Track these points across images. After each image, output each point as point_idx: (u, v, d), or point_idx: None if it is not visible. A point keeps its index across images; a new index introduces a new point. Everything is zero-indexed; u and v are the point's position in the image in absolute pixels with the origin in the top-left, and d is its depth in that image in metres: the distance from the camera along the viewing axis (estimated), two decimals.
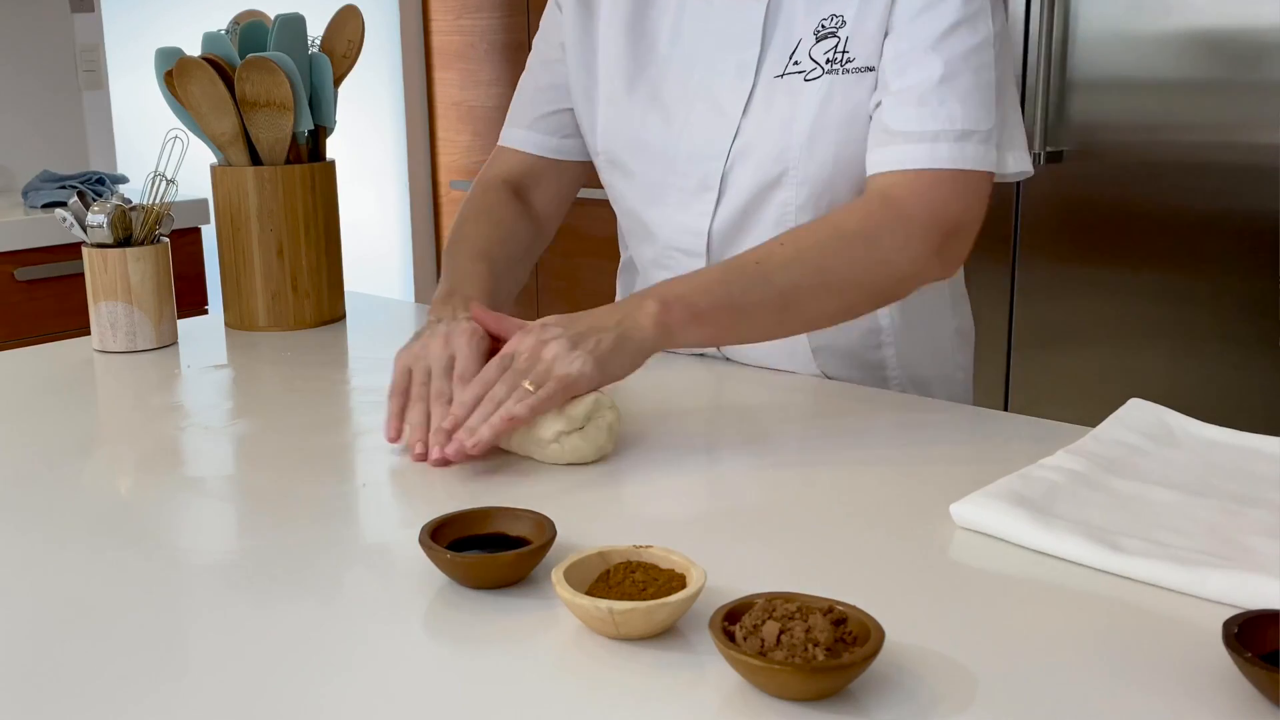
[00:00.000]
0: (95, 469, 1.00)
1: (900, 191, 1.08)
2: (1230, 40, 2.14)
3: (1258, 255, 2.16)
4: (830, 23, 1.12)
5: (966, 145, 1.07)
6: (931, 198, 1.08)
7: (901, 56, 1.09)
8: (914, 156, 1.07)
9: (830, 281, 1.07)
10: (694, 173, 1.19)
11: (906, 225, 1.07)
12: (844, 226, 1.07)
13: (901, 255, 1.08)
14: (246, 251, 1.42)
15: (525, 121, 1.35)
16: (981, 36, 1.08)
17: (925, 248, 1.08)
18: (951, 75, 1.07)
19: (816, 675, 0.59)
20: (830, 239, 1.07)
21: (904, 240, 1.07)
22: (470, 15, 3.46)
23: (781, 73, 1.14)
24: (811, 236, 1.07)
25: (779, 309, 1.06)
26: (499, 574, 0.73)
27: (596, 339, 0.98)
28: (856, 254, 1.06)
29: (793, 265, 1.05)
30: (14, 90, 2.94)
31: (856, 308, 1.12)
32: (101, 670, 0.65)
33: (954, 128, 1.07)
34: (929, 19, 1.08)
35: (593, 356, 0.96)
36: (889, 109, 1.09)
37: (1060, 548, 0.77)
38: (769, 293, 1.04)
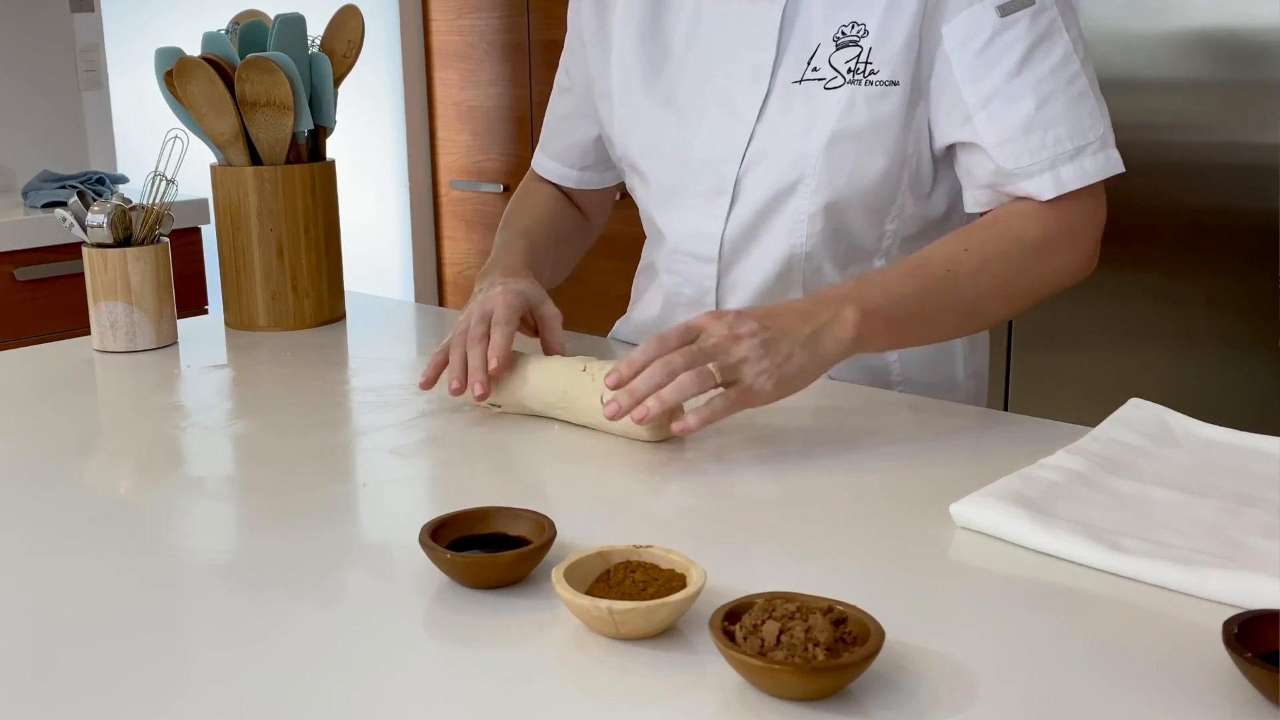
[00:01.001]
0: (95, 469, 1.00)
1: (1065, 205, 1.08)
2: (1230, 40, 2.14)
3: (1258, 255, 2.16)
4: (851, 30, 1.11)
5: (1085, 160, 1.08)
6: (1087, 209, 1.10)
7: (982, 90, 1.08)
8: (1040, 188, 1.07)
9: (1010, 292, 1.09)
10: (707, 176, 1.19)
11: (1078, 237, 1.10)
12: (1024, 236, 1.08)
13: (1070, 266, 1.11)
14: (246, 251, 1.42)
15: (550, 150, 1.42)
16: (1061, 50, 1.07)
17: (1088, 256, 1.12)
18: (1045, 100, 1.07)
19: (816, 675, 0.59)
20: (1012, 249, 1.08)
21: (1073, 253, 1.10)
22: (470, 15, 3.46)
23: (799, 78, 1.13)
24: (995, 244, 1.07)
25: (964, 316, 1.08)
26: (499, 574, 0.73)
27: (789, 353, 0.95)
28: (1033, 265, 1.08)
29: (981, 275, 1.06)
30: (14, 90, 2.94)
31: (1020, 311, 1.14)
32: (102, 670, 0.65)
33: (1065, 149, 1.07)
34: (1002, 47, 1.07)
35: (778, 374, 0.94)
36: (994, 149, 1.08)
37: (1060, 548, 0.77)
38: (957, 302, 1.06)
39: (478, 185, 3.53)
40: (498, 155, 3.47)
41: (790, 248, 1.17)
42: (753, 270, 1.20)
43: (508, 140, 3.44)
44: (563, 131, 1.39)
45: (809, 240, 1.16)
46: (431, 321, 1.58)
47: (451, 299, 3.73)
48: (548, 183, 1.43)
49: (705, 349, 0.94)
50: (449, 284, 3.73)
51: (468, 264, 3.65)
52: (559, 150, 1.40)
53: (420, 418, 1.09)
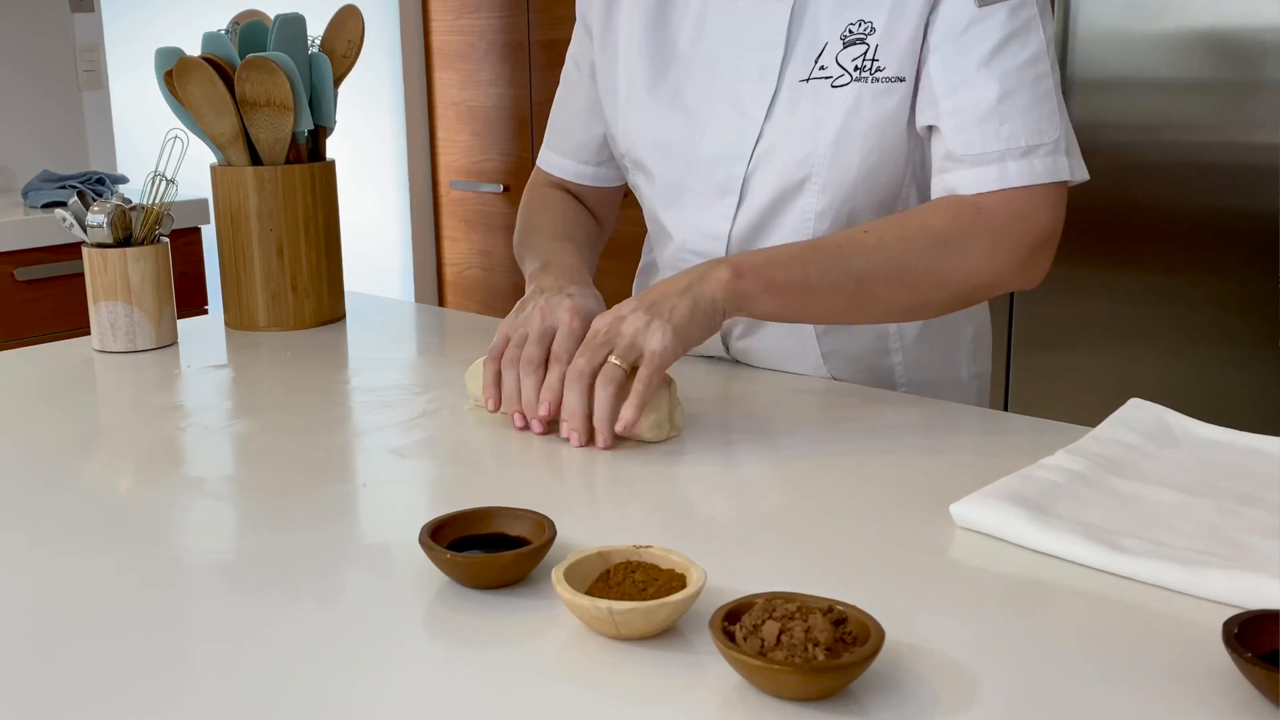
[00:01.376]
0: (95, 469, 1.00)
1: (993, 202, 1.07)
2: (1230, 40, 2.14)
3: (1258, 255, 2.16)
4: (858, 28, 1.11)
5: (1035, 160, 1.07)
6: (1017, 209, 1.07)
7: (952, 76, 1.08)
8: (984, 179, 1.07)
9: (908, 277, 1.07)
10: (715, 175, 1.18)
11: (996, 236, 1.07)
12: (932, 226, 1.07)
13: (985, 265, 1.08)
14: (246, 251, 1.42)
15: (560, 147, 1.39)
16: (1034, 47, 1.07)
17: (1009, 259, 1.08)
18: (1008, 93, 1.06)
19: (816, 675, 0.59)
20: (916, 235, 1.06)
21: (991, 251, 1.07)
22: (470, 15, 3.46)
23: (807, 77, 1.13)
24: (897, 230, 1.07)
25: (853, 294, 1.06)
26: (499, 574, 0.73)
27: (670, 306, 0.99)
28: (940, 255, 1.06)
29: (873, 254, 1.05)
30: (14, 90, 2.94)
31: (931, 306, 1.12)
32: (102, 670, 0.65)
33: (1018, 145, 1.06)
34: (977, 35, 1.07)
35: (670, 325, 0.98)
36: (950, 134, 1.08)
37: (1060, 548, 0.77)
38: (845, 277, 1.05)
39: (478, 185, 3.53)
40: (498, 155, 3.47)
41: None
42: None
43: (508, 140, 3.44)
44: (575, 127, 1.36)
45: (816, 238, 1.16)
46: (431, 321, 1.58)
47: (451, 299, 3.73)
48: (557, 185, 1.40)
49: (599, 342, 0.99)
50: (449, 284, 3.73)
51: (468, 264, 3.65)
52: (572, 147, 1.37)
53: (420, 418, 1.09)
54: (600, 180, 1.37)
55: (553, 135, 1.40)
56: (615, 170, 1.37)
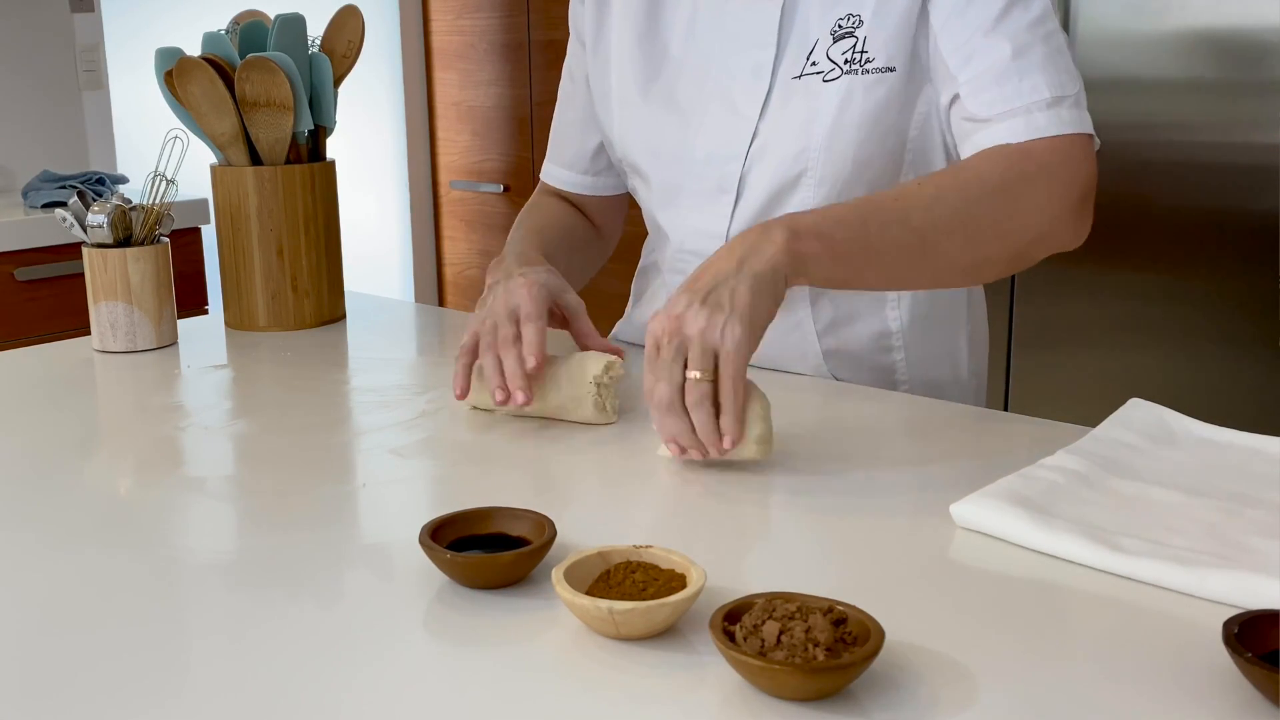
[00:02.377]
0: (95, 469, 1.00)
1: (1040, 147, 1.03)
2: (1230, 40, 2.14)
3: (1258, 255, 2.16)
4: (847, 22, 1.11)
5: (1061, 110, 1.04)
6: (1070, 156, 1.04)
7: (962, 47, 1.06)
8: (1012, 131, 1.04)
9: (970, 229, 1.01)
10: (711, 175, 1.19)
11: (1050, 181, 1.03)
12: (987, 175, 1.03)
13: (1045, 210, 1.04)
14: (246, 251, 1.42)
15: (560, 159, 1.40)
16: (1038, 9, 1.06)
17: (1065, 205, 1.04)
18: (1022, 50, 1.05)
19: (816, 675, 0.59)
20: (973, 184, 1.02)
21: (1046, 197, 1.03)
22: (470, 15, 3.46)
23: (799, 74, 1.13)
24: (953, 180, 1.03)
25: (916, 252, 1.00)
26: (499, 574, 0.73)
27: (730, 291, 0.90)
28: (997, 202, 1.02)
29: (934, 206, 1.00)
30: (14, 90, 2.94)
31: (991, 264, 1.06)
32: (102, 669, 0.65)
33: (1041, 97, 1.04)
34: (979, 7, 1.06)
35: (736, 315, 0.89)
36: (970, 97, 1.06)
37: (1060, 548, 0.77)
38: (906, 233, 0.99)
39: (478, 185, 3.53)
40: (498, 155, 3.47)
41: None
42: None
43: (508, 140, 3.44)
44: (572, 137, 1.37)
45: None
46: (431, 321, 1.58)
47: (451, 299, 3.73)
48: (558, 197, 1.41)
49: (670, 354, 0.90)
50: (449, 284, 3.73)
51: (468, 264, 3.65)
52: (570, 158, 1.38)
53: (420, 418, 1.09)
54: (599, 190, 1.38)
55: (552, 147, 1.41)
56: (613, 179, 1.38)
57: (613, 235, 1.44)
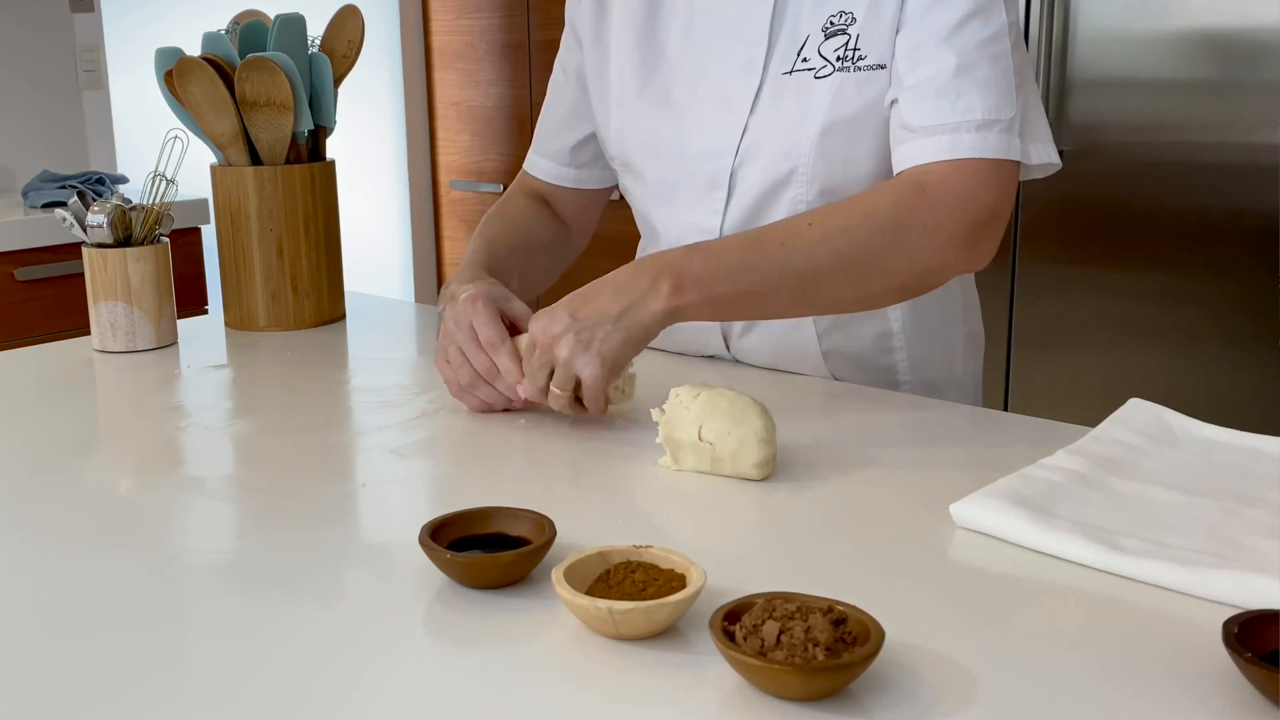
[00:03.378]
0: (95, 469, 1.00)
1: (933, 179, 1.05)
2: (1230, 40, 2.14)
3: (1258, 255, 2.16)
4: (839, 19, 1.12)
5: (989, 134, 1.06)
6: (961, 186, 1.05)
7: (914, 51, 1.08)
8: (937, 149, 1.06)
9: (854, 269, 1.04)
10: (703, 171, 1.19)
11: (937, 214, 1.05)
12: (876, 209, 1.05)
13: (930, 245, 1.05)
14: (246, 251, 1.42)
15: (544, 150, 1.40)
16: (995, 26, 1.07)
17: (954, 238, 1.05)
18: (967, 66, 1.06)
19: (816, 675, 0.59)
20: (860, 223, 1.04)
21: (934, 231, 1.05)
22: (470, 15, 3.46)
23: (790, 69, 1.14)
24: (841, 219, 1.04)
25: (797, 293, 1.05)
26: (499, 574, 0.73)
27: (604, 334, 1.00)
28: (885, 241, 1.04)
29: (817, 249, 1.03)
30: (14, 90, 2.94)
31: (879, 297, 1.10)
32: (102, 669, 0.65)
33: (974, 118, 1.05)
34: (940, 12, 1.07)
35: (599, 356, 0.99)
36: (907, 105, 1.08)
37: (1060, 548, 0.77)
38: (788, 277, 1.03)
39: (478, 185, 3.53)
40: (498, 155, 3.47)
41: None
42: None
43: (508, 140, 3.44)
44: (559, 129, 1.38)
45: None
46: (431, 321, 1.58)
47: None
48: (532, 195, 1.40)
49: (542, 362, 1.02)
50: None
51: None
52: (554, 150, 1.38)
53: (420, 418, 1.09)
54: (580, 183, 1.38)
55: (537, 137, 1.41)
56: (596, 174, 1.38)
57: (584, 233, 1.43)
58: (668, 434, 0.93)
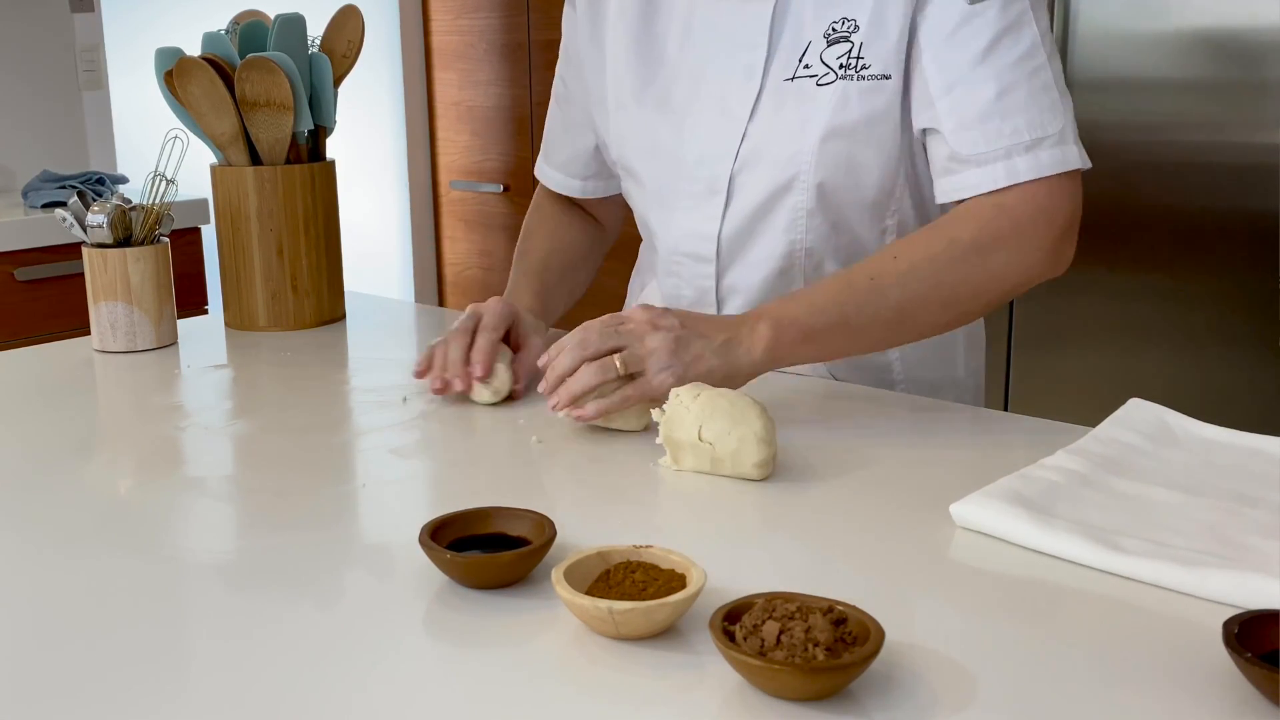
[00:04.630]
0: (95, 469, 1.00)
1: (1012, 199, 1.07)
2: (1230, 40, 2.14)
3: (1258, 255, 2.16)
4: (842, 26, 1.11)
5: (1040, 153, 1.06)
6: (1044, 203, 1.07)
7: (947, 75, 1.07)
8: (993, 177, 1.06)
9: (945, 295, 1.07)
10: (702, 177, 1.19)
11: (1021, 234, 1.06)
12: (959, 237, 1.06)
13: (1014, 266, 1.07)
14: (246, 251, 1.42)
15: (554, 161, 1.41)
16: (1028, 42, 1.07)
17: (1039, 255, 1.07)
18: (1006, 89, 1.06)
19: (816, 675, 0.59)
20: (944, 251, 1.06)
21: (1019, 250, 1.07)
22: (470, 15, 3.46)
23: (791, 76, 1.13)
24: (925, 249, 1.06)
25: (893, 324, 1.07)
26: (499, 574, 0.73)
27: (699, 354, 0.99)
28: (971, 266, 1.06)
29: (908, 280, 1.05)
30: (14, 90, 2.94)
31: (969, 316, 1.11)
32: (102, 670, 0.65)
33: (1021, 140, 1.06)
34: (969, 33, 1.07)
35: (683, 372, 0.98)
36: (952, 134, 1.08)
37: (1060, 548, 0.77)
38: (883, 309, 1.05)
39: (478, 185, 3.53)
40: (498, 155, 3.47)
41: (789, 245, 1.17)
42: (752, 269, 1.20)
43: (508, 140, 3.44)
44: (565, 142, 1.38)
45: (808, 237, 1.16)
46: (431, 321, 1.58)
47: (451, 299, 3.73)
48: (559, 195, 1.41)
49: (621, 331, 1.00)
50: (449, 284, 3.73)
51: (468, 264, 3.65)
52: (562, 161, 1.39)
53: (420, 418, 1.09)
54: (591, 193, 1.39)
55: (545, 147, 1.42)
56: (606, 182, 1.38)
57: (614, 227, 1.45)
58: (668, 434, 0.93)
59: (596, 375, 0.98)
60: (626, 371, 0.98)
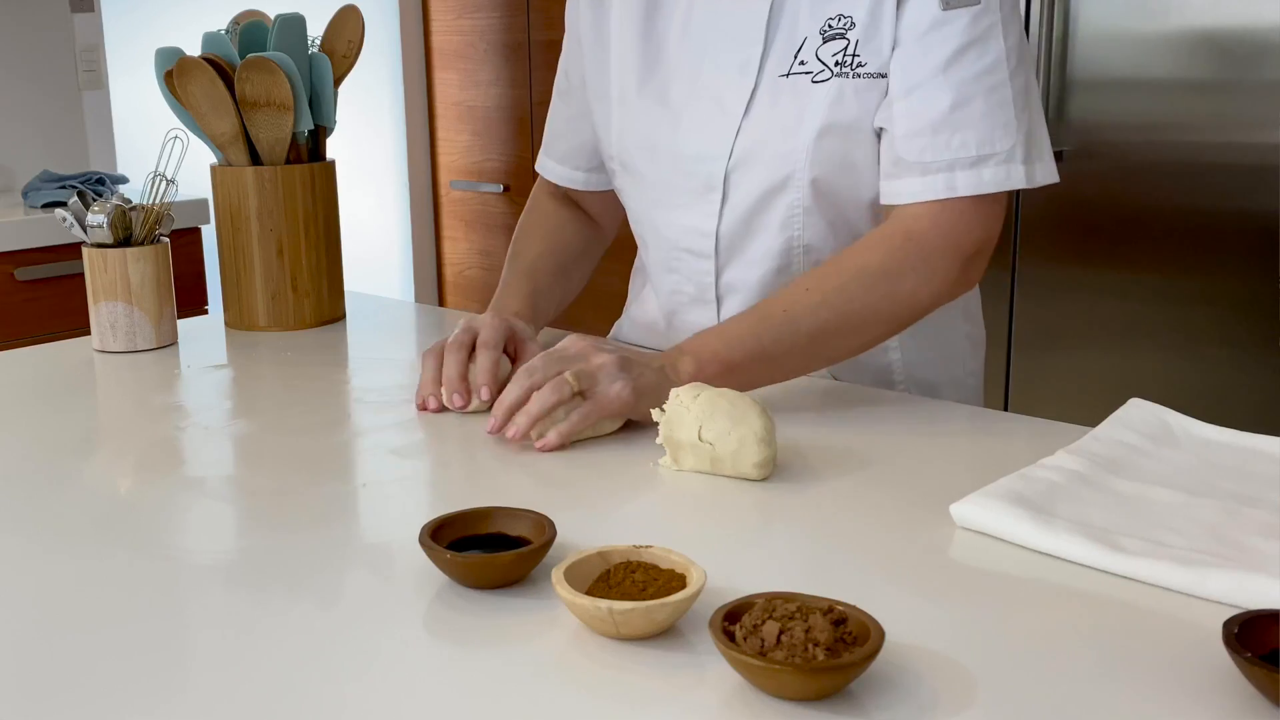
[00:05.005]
0: (95, 469, 1.00)
1: (922, 225, 1.08)
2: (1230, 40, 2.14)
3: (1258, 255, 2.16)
4: (838, 23, 1.11)
5: (984, 170, 1.07)
6: (953, 227, 1.08)
7: (908, 78, 1.08)
8: (933, 188, 1.07)
9: (854, 323, 1.09)
10: (698, 173, 1.19)
11: (929, 260, 1.08)
12: (867, 265, 1.08)
13: (924, 290, 1.09)
14: (246, 251, 1.42)
15: (554, 153, 1.41)
16: (993, 56, 1.07)
17: (947, 279, 1.10)
18: (962, 101, 1.07)
19: (816, 675, 0.59)
20: (853, 280, 1.08)
21: (927, 276, 1.09)
22: (470, 15, 3.46)
23: (787, 72, 1.14)
24: (835, 278, 1.08)
25: (806, 353, 1.09)
26: (499, 574, 0.73)
27: (641, 371, 1.02)
28: (880, 293, 1.08)
29: (819, 310, 1.07)
30: (14, 90, 2.94)
31: (879, 339, 1.14)
32: (101, 670, 0.65)
33: (968, 154, 1.07)
34: (937, 40, 1.07)
35: (633, 385, 1.00)
36: (901, 139, 1.08)
37: (1060, 548, 0.77)
38: (797, 339, 1.07)
39: (478, 185, 3.53)
40: (498, 155, 3.47)
41: (787, 242, 1.17)
42: (751, 265, 1.20)
43: (508, 140, 3.44)
44: (567, 134, 1.38)
45: (805, 233, 1.17)
46: (431, 321, 1.58)
47: (451, 299, 3.73)
48: (557, 194, 1.42)
49: (564, 357, 1.01)
50: (449, 284, 3.73)
51: (468, 264, 3.65)
52: (564, 153, 1.39)
53: (420, 418, 1.09)
54: (594, 185, 1.39)
55: (546, 140, 1.42)
56: (607, 176, 1.37)
57: (611, 225, 1.45)
58: (668, 434, 0.93)
59: (552, 394, 0.98)
60: (579, 387, 0.99)
